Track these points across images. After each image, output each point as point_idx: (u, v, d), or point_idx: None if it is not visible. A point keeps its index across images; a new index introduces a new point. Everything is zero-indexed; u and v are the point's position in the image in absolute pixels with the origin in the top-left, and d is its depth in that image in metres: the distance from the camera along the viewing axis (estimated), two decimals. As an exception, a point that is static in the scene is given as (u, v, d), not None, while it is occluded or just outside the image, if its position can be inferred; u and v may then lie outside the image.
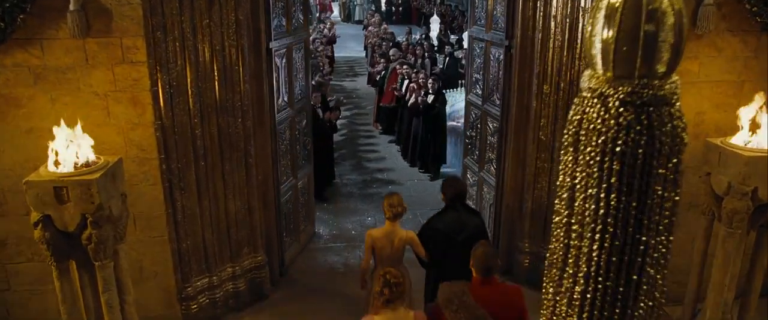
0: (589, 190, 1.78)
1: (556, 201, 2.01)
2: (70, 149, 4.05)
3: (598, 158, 1.75)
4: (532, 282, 5.93)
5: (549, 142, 5.93)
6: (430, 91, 9.00)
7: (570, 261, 1.91)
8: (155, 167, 5.09)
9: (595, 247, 1.81)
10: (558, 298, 2.03)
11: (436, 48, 14.98)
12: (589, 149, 1.77)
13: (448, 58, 12.44)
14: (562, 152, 1.98)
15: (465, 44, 13.70)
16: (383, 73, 11.12)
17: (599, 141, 1.74)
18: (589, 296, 1.91)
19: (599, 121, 1.74)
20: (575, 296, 1.93)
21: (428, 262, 4.92)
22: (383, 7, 26.49)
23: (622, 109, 1.73)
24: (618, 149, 1.72)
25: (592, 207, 1.78)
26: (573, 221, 1.89)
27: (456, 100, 10.21)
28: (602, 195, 1.74)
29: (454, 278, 3.89)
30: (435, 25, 17.90)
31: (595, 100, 1.78)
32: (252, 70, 5.59)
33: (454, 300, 3.61)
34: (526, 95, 6.02)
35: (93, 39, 4.73)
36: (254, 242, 5.95)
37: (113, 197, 4.22)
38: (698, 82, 5.32)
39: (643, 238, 1.81)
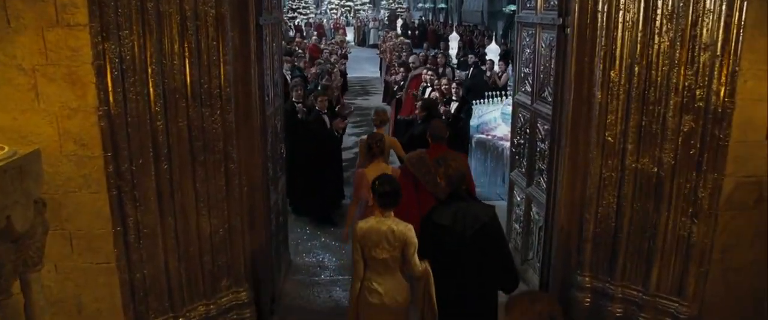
0: None
1: None
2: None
3: None
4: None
5: (619, 144, 4.58)
6: (454, 98, 7.68)
7: None
8: (99, 169, 3.80)
9: None
10: None
11: (456, 65, 13.79)
12: None
13: (473, 68, 11.20)
14: None
15: (489, 55, 12.54)
16: (402, 82, 9.87)
17: None
18: None
19: None
20: None
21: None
22: (399, 31, 25.50)
23: None
24: None
25: None
26: None
27: (483, 112, 8.92)
28: None
29: None
30: (454, 43, 16.75)
31: None
32: (236, 48, 4.35)
33: (414, 156, 4.82)
34: (587, 85, 4.69)
35: (15, -8, 3.52)
36: (236, 272, 4.60)
37: (17, 203, 2.93)
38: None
39: None
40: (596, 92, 4.60)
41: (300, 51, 13.03)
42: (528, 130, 5.72)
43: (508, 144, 7.87)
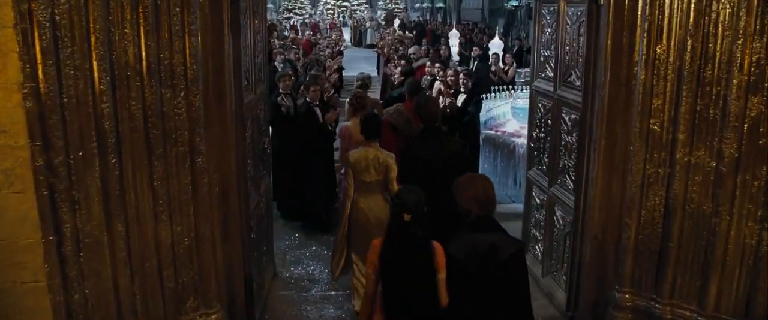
0: None
1: None
2: None
3: None
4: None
5: (667, 134, 3.82)
6: (462, 89, 6.89)
7: None
8: (24, 162, 3.01)
9: None
10: None
11: (458, 62, 13.01)
12: None
13: (476, 61, 10.44)
14: None
15: (493, 49, 11.79)
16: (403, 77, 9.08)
17: None
18: None
19: None
20: None
21: None
22: (397, 30, 24.77)
23: None
24: None
25: None
26: None
27: (491, 107, 8.16)
28: None
29: None
30: (454, 39, 15.99)
31: None
32: (205, 17, 3.58)
33: (393, 110, 5.64)
34: (626, 65, 3.95)
35: None
36: (205, 290, 3.79)
37: None
38: None
39: None
40: (638, 72, 3.86)
41: (295, 47, 12.26)
42: (550, 122, 4.95)
43: (520, 140, 7.14)
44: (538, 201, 5.18)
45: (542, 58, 5.12)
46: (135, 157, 3.38)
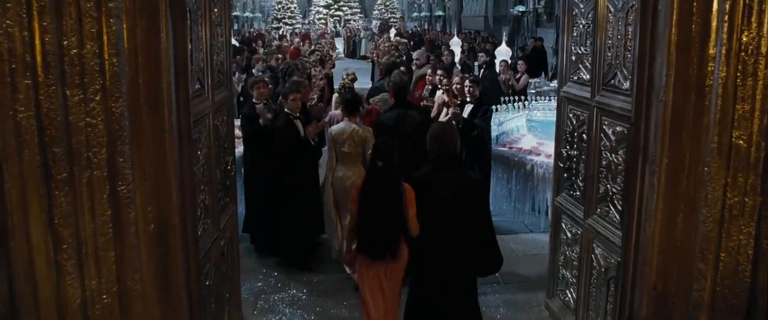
0: None
1: None
2: None
3: None
4: None
5: (758, 150, 2.86)
6: (469, 99, 5.92)
7: None
8: None
9: None
10: None
11: (460, 70, 12.09)
12: None
13: (484, 69, 9.48)
14: None
15: (500, 56, 10.85)
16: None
17: None
18: None
19: None
20: None
21: None
22: (392, 38, 23.93)
23: None
24: None
25: None
26: None
27: (502, 120, 7.18)
28: None
29: None
30: (456, 48, 15.07)
31: None
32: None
33: (377, 98, 6.24)
34: (697, 60, 2.99)
35: None
36: (133, 366, 2.78)
37: None
38: None
39: None
40: (716, 69, 2.90)
41: (279, 55, 11.31)
42: (585, 136, 3.99)
43: (538, 159, 6.16)
44: (569, 234, 4.19)
45: (574, 58, 4.16)
46: (24, 185, 2.42)
